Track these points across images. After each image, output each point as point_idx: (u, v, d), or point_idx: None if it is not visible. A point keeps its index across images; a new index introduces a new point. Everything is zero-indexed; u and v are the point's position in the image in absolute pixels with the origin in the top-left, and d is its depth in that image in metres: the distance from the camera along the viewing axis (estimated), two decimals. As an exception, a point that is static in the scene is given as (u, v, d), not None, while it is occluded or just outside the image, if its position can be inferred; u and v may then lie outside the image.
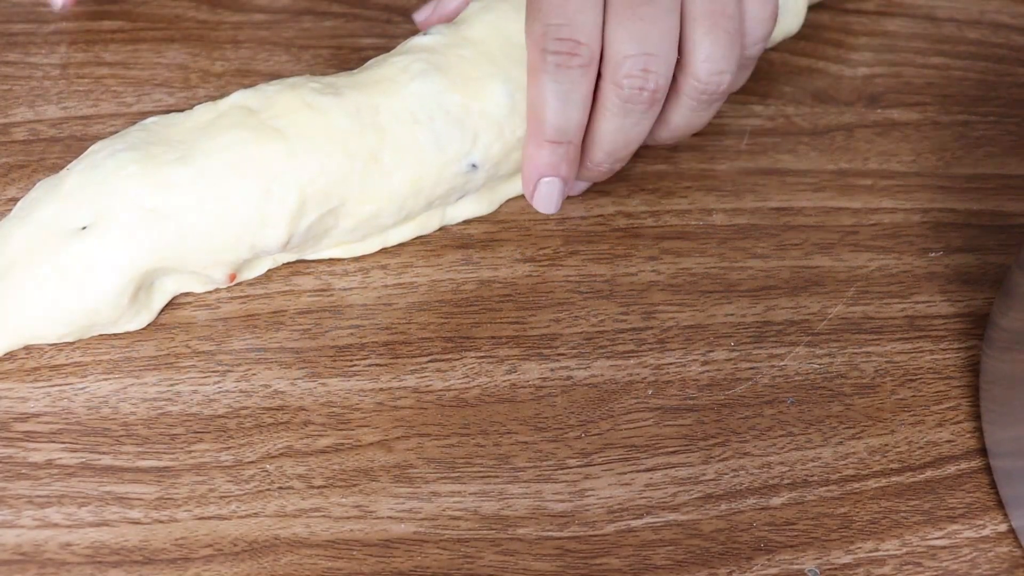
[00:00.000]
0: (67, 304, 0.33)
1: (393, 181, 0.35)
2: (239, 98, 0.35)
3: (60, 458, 0.32)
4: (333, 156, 0.34)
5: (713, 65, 0.36)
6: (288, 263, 0.37)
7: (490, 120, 0.36)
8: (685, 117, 0.37)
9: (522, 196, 0.40)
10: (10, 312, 0.33)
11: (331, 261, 0.38)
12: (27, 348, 0.34)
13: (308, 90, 0.35)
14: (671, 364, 0.37)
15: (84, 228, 0.33)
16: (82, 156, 0.34)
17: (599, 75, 0.35)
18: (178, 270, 0.35)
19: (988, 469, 0.35)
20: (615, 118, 0.36)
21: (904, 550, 0.33)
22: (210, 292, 0.36)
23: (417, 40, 0.37)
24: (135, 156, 0.33)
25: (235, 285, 0.37)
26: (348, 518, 0.32)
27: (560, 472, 0.34)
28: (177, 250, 0.34)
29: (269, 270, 0.37)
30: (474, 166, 0.37)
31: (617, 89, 0.35)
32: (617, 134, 0.36)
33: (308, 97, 0.35)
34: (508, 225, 0.39)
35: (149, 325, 0.35)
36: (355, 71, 0.37)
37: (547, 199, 0.37)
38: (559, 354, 0.36)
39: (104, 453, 0.33)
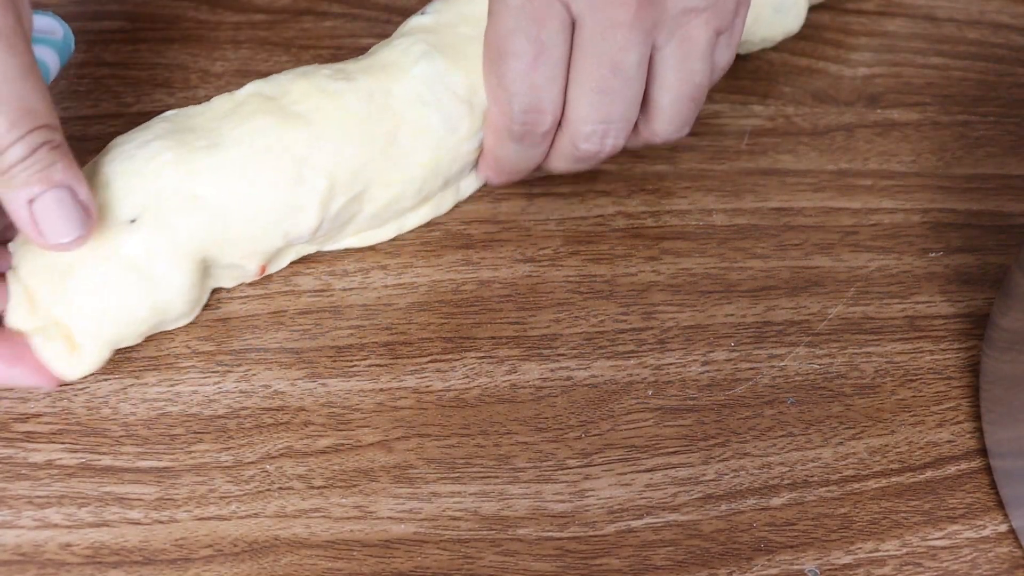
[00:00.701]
0: (140, 301, 0.32)
1: (412, 162, 0.35)
2: (255, 88, 0.35)
3: (60, 459, 0.32)
4: (354, 140, 0.34)
5: (675, 128, 0.36)
6: (289, 263, 0.37)
7: None
8: (639, 146, 0.38)
9: (523, 197, 0.40)
10: (88, 317, 0.32)
11: (331, 261, 0.38)
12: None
13: (321, 76, 0.35)
14: (671, 364, 0.37)
15: (133, 221, 0.32)
16: (104, 152, 0.33)
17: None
18: (218, 262, 0.34)
19: (988, 469, 0.35)
20: (568, 163, 0.37)
21: (904, 550, 0.33)
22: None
23: (415, 20, 0.37)
24: (168, 144, 0.32)
25: (235, 286, 0.37)
26: (348, 518, 0.32)
27: (560, 472, 0.34)
28: (220, 237, 0.33)
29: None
30: None
31: (574, 148, 0.36)
32: (566, 170, 0.38)
33: (322, 83, 0.35)
34: (508, 225, 0.39)
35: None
36: (360, 57, 0.37)
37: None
38: (559, 354, 0.36)
39: (104, 454, 0.33)
